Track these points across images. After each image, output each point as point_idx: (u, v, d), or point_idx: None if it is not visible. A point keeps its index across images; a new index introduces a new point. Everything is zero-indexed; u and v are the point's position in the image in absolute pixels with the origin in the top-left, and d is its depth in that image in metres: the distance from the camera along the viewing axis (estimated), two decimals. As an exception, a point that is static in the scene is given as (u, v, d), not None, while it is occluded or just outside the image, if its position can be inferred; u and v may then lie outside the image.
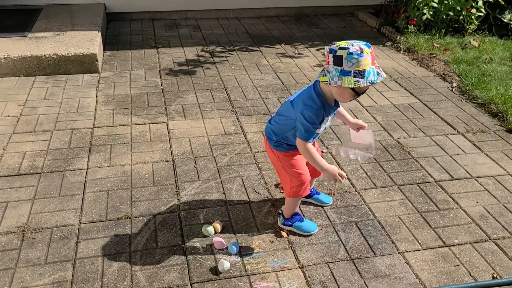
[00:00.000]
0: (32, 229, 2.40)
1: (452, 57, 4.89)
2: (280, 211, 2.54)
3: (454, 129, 3.58)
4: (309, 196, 2.66)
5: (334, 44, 1.99)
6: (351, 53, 1.92)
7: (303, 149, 2.15)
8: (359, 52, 1.92)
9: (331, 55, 1.98)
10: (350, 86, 1.94)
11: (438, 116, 3.77)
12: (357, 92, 2.01)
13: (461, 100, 4.06)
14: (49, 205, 2.58)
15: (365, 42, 1.99)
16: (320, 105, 2.08)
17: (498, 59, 4.86)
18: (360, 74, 1.93)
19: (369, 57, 1.95)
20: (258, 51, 5.00)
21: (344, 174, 2.19)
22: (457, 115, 3.79)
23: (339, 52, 1.94)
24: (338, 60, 1.95)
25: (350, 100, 2.09)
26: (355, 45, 1.93)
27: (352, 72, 1.93)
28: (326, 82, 2.00)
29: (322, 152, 2.46)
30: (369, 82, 1.94)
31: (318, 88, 2.11)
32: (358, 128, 2.39)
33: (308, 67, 4.63)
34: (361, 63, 1.93)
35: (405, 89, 4.24)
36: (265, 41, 5.34)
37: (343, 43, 1.96)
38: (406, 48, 5.19)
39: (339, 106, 2.22)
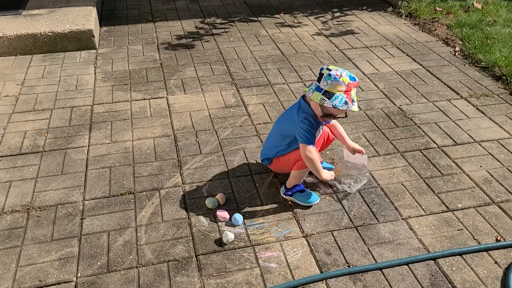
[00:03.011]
0: (36, 207, 2.42)
1: (454, 21, 4.79)
2: (283, 182, 2.54)
3: (457, 94, 3.54)
4: None
5: (329, 66, 2.23)
6: (330, 75, 2.15)
7: (304, 153, 2.26)
8: (337, 77, 2.14)
9: (319, 71, 2.22)
10: (315, 101, 2.17)
11: (441, 81, 3.72)
12: (324, 113, 2.22)
13: (464, 65, 4.00)
14: (52, 183, 2.59)
15: (354, 76, 2.19)
16: (313, 114, 2.28)
17: (502, 21, 4.76)
18: (329, 95, 2.15)
19: (344, 86, 2.15)
20: (257, 22, 4.92)
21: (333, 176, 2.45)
22: (460, 80, 3.73)
23: (323, 71, 2.19)
24: (319, 77, 2.20)
25: (323, 121, 2.33)
26: (339, 70, 2.17)
27: (323, 90, 2.17)
28: (305, 92, 2.26)
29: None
30: (332, 105, 2.14)
31: (305, 101, 2.32)
32: (355, 152, 2.50)
33: (308, 36, 4.55)
34: (334, 87, 2.15)
35: (407, 55, 4.17)
36: (264, 11, 5.24)
37: (333, 67, 2.19)
38: (408, 13, 5.09)
39: (323, 124, 2.40)
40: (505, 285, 2.00)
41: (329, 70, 2.17)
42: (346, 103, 2.16)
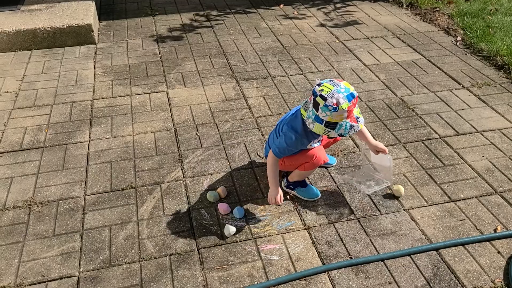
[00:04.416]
0: (38, 202, 2.42)
1: (456, 10, 4.76)
2: (284, 174, 2.53)
3: (459, 83, 3.51)
4: None
5: (320, 85, 2.05)
6: (326, 106, 1.99)
7: (271, 161, 2.25)
8: (335, 107, 1.98)
9: (312, 97, 2.05)
10: (319, 133, 2.08)
11: (442, 71, 3.70)
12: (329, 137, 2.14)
13: (466, 54, 3.97)
14: (53, 178, 2.59)
15: (351, 92, 2.01)
16: (302, 134, 2.17)
17: (503, 9, 4.71)
18: (331, 125, 2.04)
19: (345, 113, 2.00)
20: (256, 14, 4.89)
21: (279, 203, 2.24)
22: (462, 69, 3.71)
23: (317, 99, 2.02)
24: (315, 105, 2.04)
25: (322, 136, 2.24)
26: (334, 97, 1.97)
27: (324, 121, 2.03)
28: (304, 117, 2.11)
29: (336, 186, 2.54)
30: (338, 134, 2.06)
31: (302, 117, 2.16)
32: (378, 151, 2.38)
33: (308, 28, 4.53)
34: (335, 117, 2.01)
35: (408, 45, 4.14)
36: (263, 2, 5.21)
37: (326, 89, 2.01)
38: (409, 3, 5.05)
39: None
40: (507, 275, 2.00)
41: (324, 98, 1.98)
42: (351, 127, 2.05)
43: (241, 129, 3.00)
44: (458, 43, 4.16)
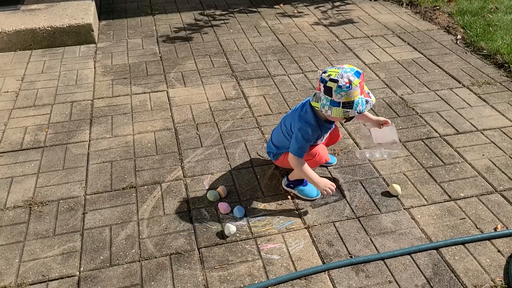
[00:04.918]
0: (38, 202, 2.42)
1: (456, 8, 4.75)
2: (284, 173, 2.53)
3: (459, 82, 3.51)
4: None
5: (326, 72, 2.08)
6: (340, 86, 2.01)
7: (294, 163, 2.25)
8: (348, 85, 2.00)
9: (322, 84, 2.07)
10: (339, 116, 2.07)
11: (443, 70, 3.69)
12: (346, 119, 2.13)
13: (466, 53, 3.96)
14: (54, 178, 2.59)
15: (356, 70, 2.06)
16: (315, 125, 2.19)
17: (504, 8, 4.71)
18: (349, 105, 2.04)
19: (358, 88, 2.03)
20: (256, 13, 4.89)
21: (333, 188, 2.27)
22: (462, 68, 3.71)
23: (329, 84, 2.03)
24: (328, 91, 2.05)
25: (341, 121, 2.23)
26: (345, 77, 2.01)
27: (341, 103, 2.04)
28: (318, 109, 2.12)
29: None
30: (357, 112, 2.05)
31: (312, 108, 2.19)
32: (381, 124, 2.41)
33: (308, 27, 4.52)
34: (350, 95, 2.03)
35: (408, 44, 4.14)
36: (263, 1, 5.20)
37: (333, 73, 2.04)
38: (409, 1, 5.04)
39: (334, 124, 2.32)
40: (508, 274, 2.00)
41: (334, 81, 2.01)
42: (367, 102, 2.08)
43: (241, 128, 3.00)
44: (458, 42, 4.16)
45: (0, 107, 3.25)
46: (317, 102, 2.11)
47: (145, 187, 2.52)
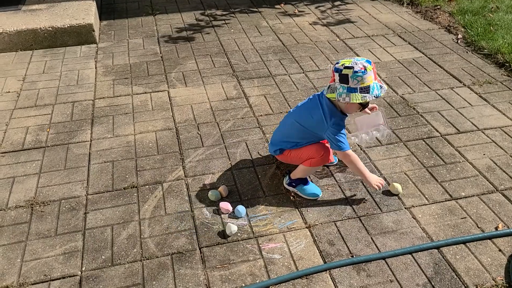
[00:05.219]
0: (40, 202, 2.43)
1: (457, 8, 4.75)
2: (286, 172, 2.53)
3: (460, 81, 3.51)
4: None
5: (339, 62, 2.16)
6: (356, 72, 2.10)
7: (349, 159, 2.30)
8: (363, 70, 2.10)
9: (336, 74, 2.15)
10: (357, 102, 2.13)
11: (443, 69, 3.69)
12: (363, 105, 2.22)
13: (467, 52, 3.96)
14: (55, 178, 2.60)
15: (366, 59, 2.16)
16: (342, 116, 2.28)
17: (504, 7, 4.71)
18: (366, 89, 2.12)
19: (372, 73, 2.12)
20: (257, 13, 4.89)
21: (383, 183, 2.36)
22: (463, 68, 3.71)
23: (344, 71, 2.12)
24: (344, 79, 2.13)
25: (356, 112, 2.31)
26: (359, 64, 2.11)
27: (358, 88, 2.12)
28: (334, 99, 2.18)
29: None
30: (374, 96, 2.13)
31: (329, 101, 2.25)
32: (371, 110, 2.49)
33: (308, 26, 4.53)
34: (366, 80, 2.11)
35: (409, 43, 4.14)
36: (264, 1, 5.20)
37: (347, 62, 2.14)
38: (409, 1, 5.04)
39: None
40: (509, 273, 2.00)
41: (350, 67, 2.10)
42: (381, 86, 2.17)
43: (242, 128, 3.00)
44: (459, 41, 4.16)
45: (2, 107, 3.26)
46: (332, 92, 2.18)
47: (147, 187, 2.53)
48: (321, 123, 2.26)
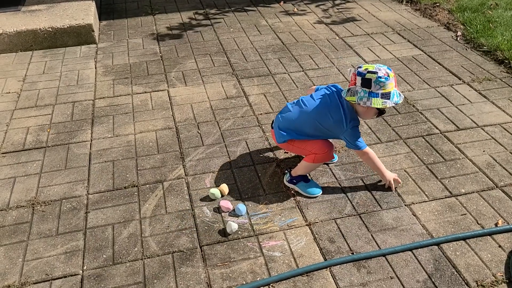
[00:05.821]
0: (41, 202, 2.44)
1: (456, 5, 4.75)
2: (287, 170, 2.54)
3: (459, 79, 3.51)
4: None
5: (361, 67, 2.19)
6: (379, 77, 2.13)
7: (366, 157, 2.37)
8: (386, 76, 2.13)
9: (359, 78, 2.17)
10: (377, 106, 2.16)
11: (443, 66, 3.70)
12: (380, 111, 2.27)
13: (466, 49, 3.97)
14: (56, 178, 2.61)
15: (387, 66, 2.20)
16: (357, 118, 2.33)
17: (504, 4, 4.71)
18: (387, 95, 2.16)
19: (394, 81, 2.17)
20: (256, 12, 4.89)
21: (400, 181, 2.46)
22: (462, 65, 3.71)
23: (368, 76, 2.15)
24: (366, 83, 2.15)
25: (371, 118, 2.40)
26: (382, 70, 2.15)
27: (380, 94, 2.15)
28: (354, 102, 2.20)
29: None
30: (394, 102, 2.16)
31: (348, 103, 2.28)
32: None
33: (308, 25, 4.53)
34: (388, 86, 2.15)
35: (408, 41, 4.14)
36: (263, 0, 5.20)
37: (370, 67, 2.17)
38: (409, -2, 5.04)
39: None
40: (509, 268, 2.01)
41: (373, 72, 2.13)
42: (400, 94, 2.19)
43: (242, 127, 3.01)
44: (458, 38, 4.16)
45: (2, 108, 3.27)
46: (352, 96, 2.20)
47: (147, 186, 2.54)
48: (340, 124, 2.28)
